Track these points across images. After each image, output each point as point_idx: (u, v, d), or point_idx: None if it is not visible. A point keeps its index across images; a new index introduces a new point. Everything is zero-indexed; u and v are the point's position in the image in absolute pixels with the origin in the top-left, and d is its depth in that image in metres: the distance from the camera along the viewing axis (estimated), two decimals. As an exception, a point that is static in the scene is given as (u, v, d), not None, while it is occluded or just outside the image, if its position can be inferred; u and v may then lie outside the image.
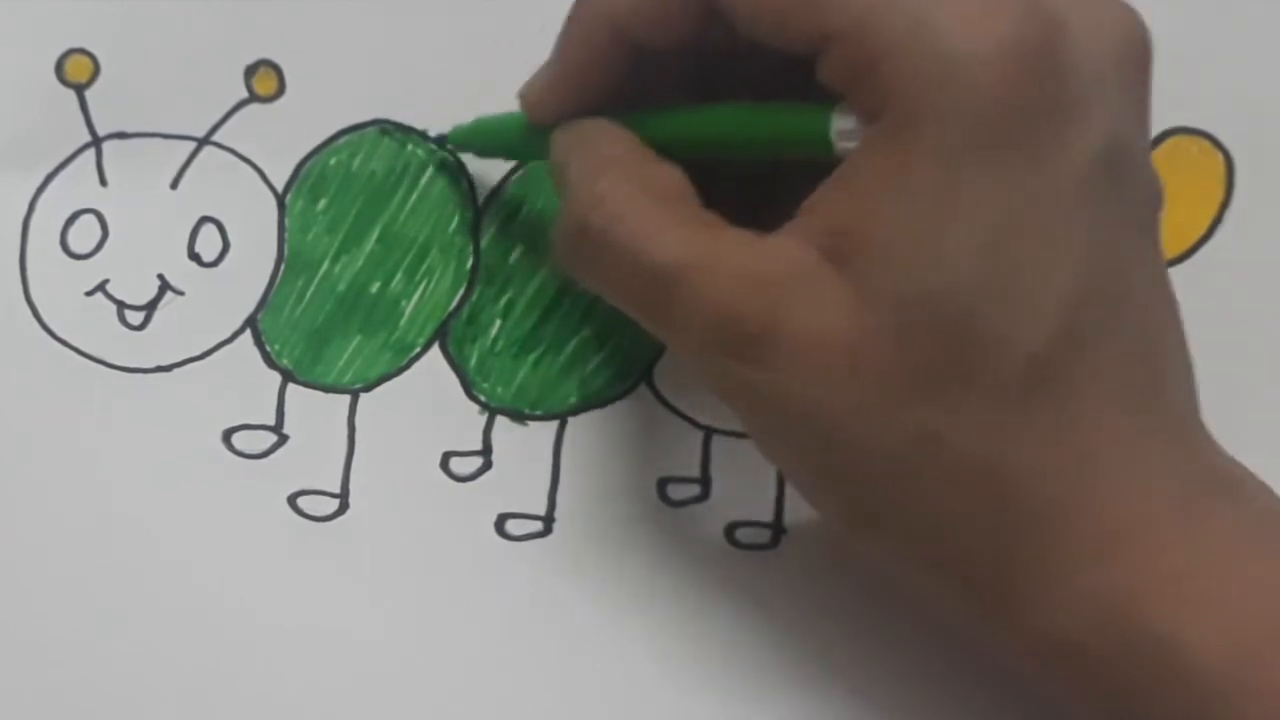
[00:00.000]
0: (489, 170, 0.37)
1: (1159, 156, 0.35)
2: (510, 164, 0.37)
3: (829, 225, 0.27)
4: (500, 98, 0.36)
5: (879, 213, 0.26)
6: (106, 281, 0.36)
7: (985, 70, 0.25)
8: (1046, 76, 0.26)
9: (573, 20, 0.31)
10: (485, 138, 0.35)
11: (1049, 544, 0.28)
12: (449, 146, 0.36)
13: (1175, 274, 0.30)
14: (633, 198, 0.29)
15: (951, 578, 0.29)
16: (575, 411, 0.36)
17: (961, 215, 0.26)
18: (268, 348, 0.36)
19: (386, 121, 0.37)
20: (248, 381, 0.36)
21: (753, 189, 0.31)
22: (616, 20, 0.30)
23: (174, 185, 0.37)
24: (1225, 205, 0.36)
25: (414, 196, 0.37)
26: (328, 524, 0.36)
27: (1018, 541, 0.28)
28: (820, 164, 0.28)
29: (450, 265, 0.37)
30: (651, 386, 0.36)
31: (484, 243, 0.37)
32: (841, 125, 0.27)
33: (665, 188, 0.29)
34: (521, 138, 0.33)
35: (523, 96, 0.33)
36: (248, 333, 0.36)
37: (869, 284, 0.26)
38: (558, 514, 0.36)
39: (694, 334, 0.28)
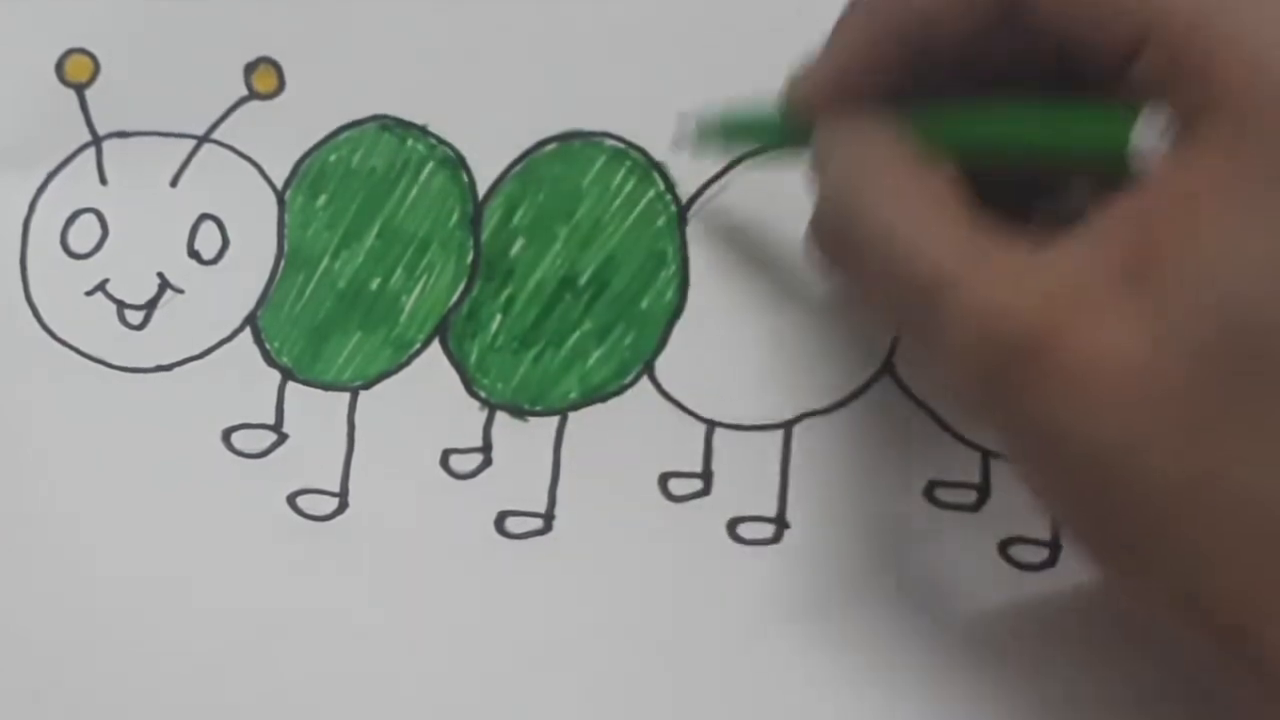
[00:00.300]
0: (489, 164, 0.36)
1: None
2: (512, 160, 0.36)
3: (1127, 236, 0.25)
4: (500, 96, 0.36)
5: (1195, 224, 0.24)
6: (106, 281, 0.36)
7: None
8: None
9: (858, 7, 0.30)
10: (738, 125, 0.34)
11: None
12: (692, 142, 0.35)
13: None
14: (905, 203, 0.27)
15: (1217, 625, 0.26)
16: (576, 407, 0.36)
17: None
18: (267, 346, 0.36)
19: (386, 117, 0.37)
20: (247, 380, 0.36)
21: (1021, 191, 0.29)
22: (911, 13, 0.29)
23: (174, 183, 0.37)
24: None
25: (414, 192, 0.36)
26: (327, 523, 0.35)
27: None
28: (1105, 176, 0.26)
29: (450, 261, 0.36)
30: (653, 380, 0.35)
31: (484, 238, 0.36)
32: (1150, 126, 0.25)
33: (938, 190, 0.28)
34: (778, 125, 0.32)
35: (790, 87, 0.31)
36: (247, 331, 0.36)
37: (1171, 306, 0.24)
38: (558, 511, 0.35)
39: (958, 347, 0.26)
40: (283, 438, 0.36)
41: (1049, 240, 0.26)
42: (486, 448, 0.36)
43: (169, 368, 0.36)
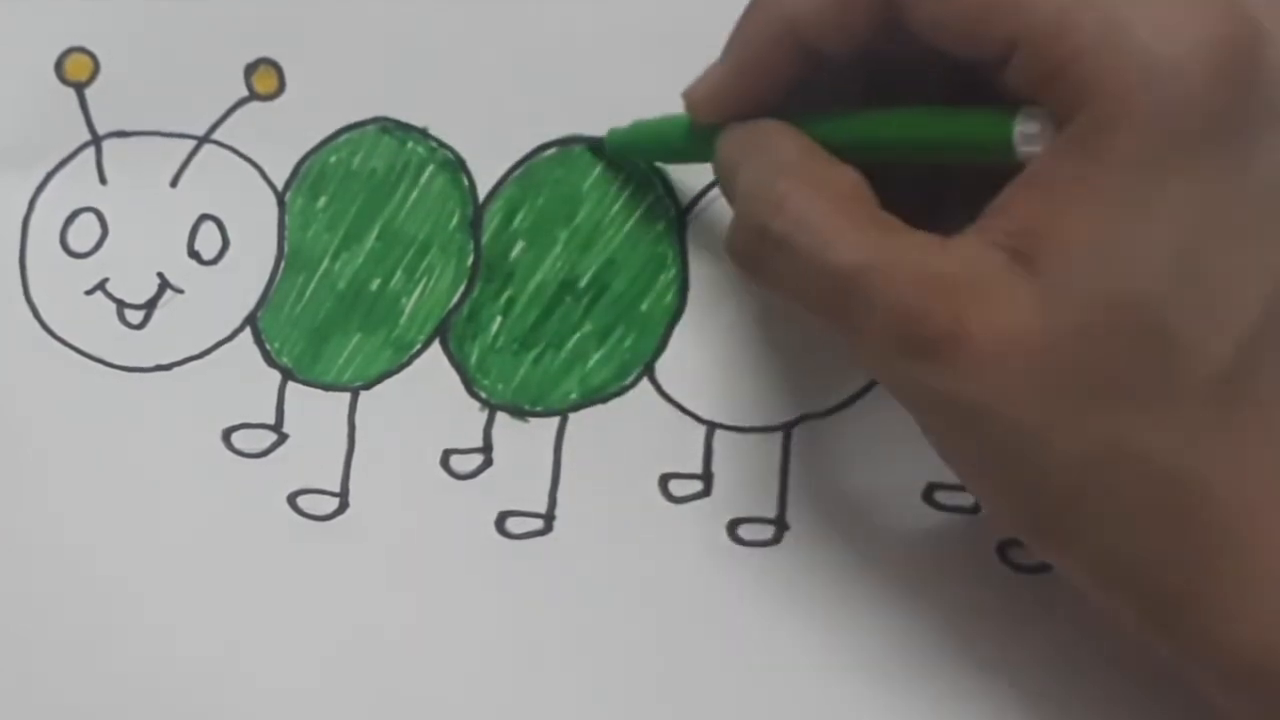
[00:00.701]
0: (489, 168, 0.36)
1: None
2: (513, 163, 0.36)
3: (1016, 227, 0.26)
4: (500, 99, 0.36)
5: (1072, 215, 0.26)
6: (106, 280, 0.36)
7: (1186, 73, 0.25)
8: (1247, 80, 0.25)
9: (748, 20, 0.31)
10: (644, 140, 0.35)
11: (1243, 559, 0.27)
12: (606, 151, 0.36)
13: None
14: (812, 200, 0.28)
15: (1135, 592, 0.28)
16: (576, 408, 0.36)
17: (1157, 219, 0.25)
18: (267, 346, 0.36)
19: (387, 119, 0.37)
20: (247, 380, 0.36)
21: (917, 191, 0.30)
22: (795, 24, 0.30)
23: (174, 183, 0.37)
24: None
25: (414, 194, 0.37)
26: (328, 523, 0.36)
27: (1208, 556, 0.27)
28: (991, 168, 0.27)
29: (450, 262, 0.36)
30: (653, 382, 0.36)
31: (484, 240, 0.36)
32: (1026, 128, 0.27)
33: (844, 190, 0.29)
34: (684, 139, 0.33)
35: (689, 95, 0.32)
36: (247, 331, 0.36)
37: (1058, 287, 0.26)
38: (558, 511, 0.35)
39: (875, 336, 0.27)
40: (283, 438, 0.36)
41: (948, 232, 0.27)
42: (487, 448, 0.36)
43: (169, 367, 0.36)
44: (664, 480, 0.35)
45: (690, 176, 0.36)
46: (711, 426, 0.35)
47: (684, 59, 0.36)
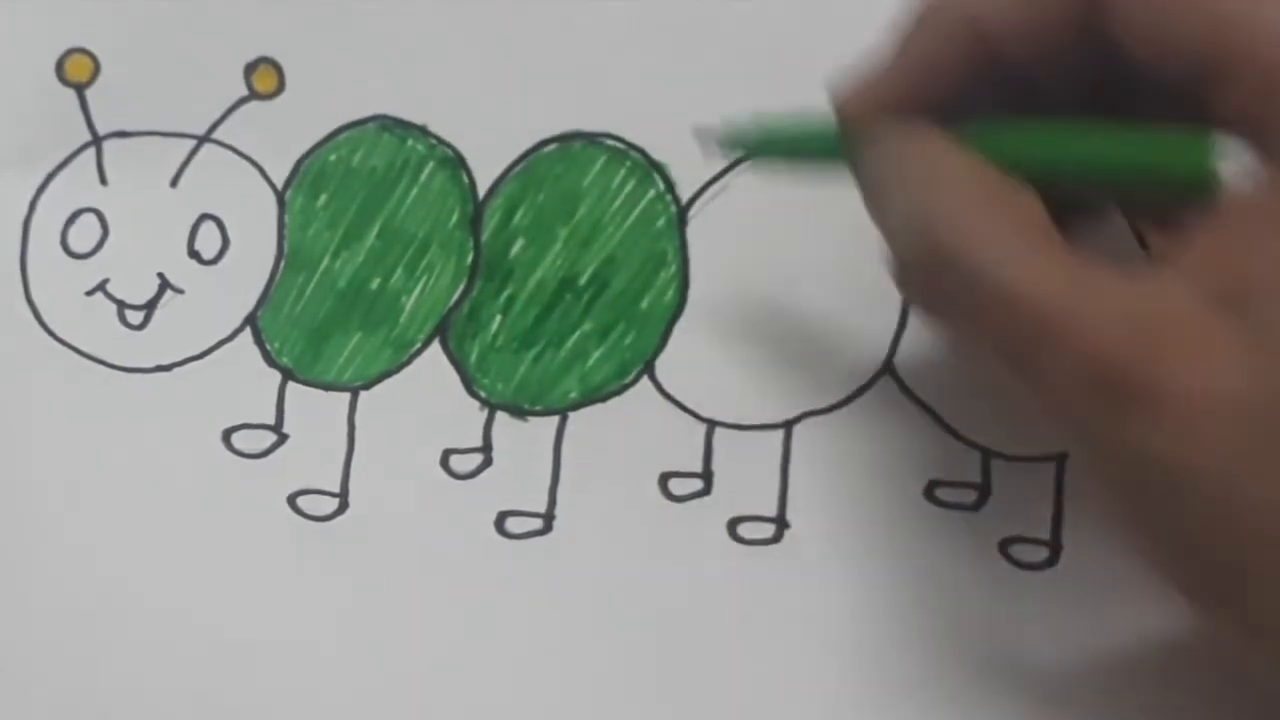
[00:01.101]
0: (489, 165, 0.36)
1: None
2: (512, 160, 0.36)
3: (1220, 264, 0.25)
4: (500, 96, 0.36)
5: None
6: (106, 281, 0.36)
7: None
8: None
9: (926, 10, 0.28)
10: (775, 138, 0.32)
11: None
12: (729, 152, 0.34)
13: None
14: (998, 227, 0.26)
15: None
16: (576, 407, 0.36)
17: None
18: (267, 346, 0.36)
19: (386, 117, 0.37)
20: (247, 380, 0.36)
21: (1076, 212, 0.28)
22: (983, 18, 0.27)
23: (174, 183, 0.37)
24: None
25: (414, 192, 0.36)
26: (328, 523, 0.35)
27: None
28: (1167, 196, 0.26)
29: (450, 261, 0.36)
30: (653, 381, 0.35)
31: (484, 238, 0.36)
32: (1235, 160, 0.25)
33: (1026, 214, 0.26)
34: (821, 140, 0.30)
35: (843, 93, 0.30)
36: (247, 331, 0.36)
37: (1272, 335, 0.24)
38: (558, 511, 0.35)
39: (1064, 381, 0.25)
40: (283, 438, 0.36)
41: (1139, 269, 0.25)
42: (487, 448, 0.36)
43: (169, 368, 0.36)
44: (664, 479, 0.35)
45: (690, 173, 0.36)
46: (712, 425, 0.35)
47: (684, 56, 0.36)
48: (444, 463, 0.35)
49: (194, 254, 0.37)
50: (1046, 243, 0.26)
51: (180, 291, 0.36)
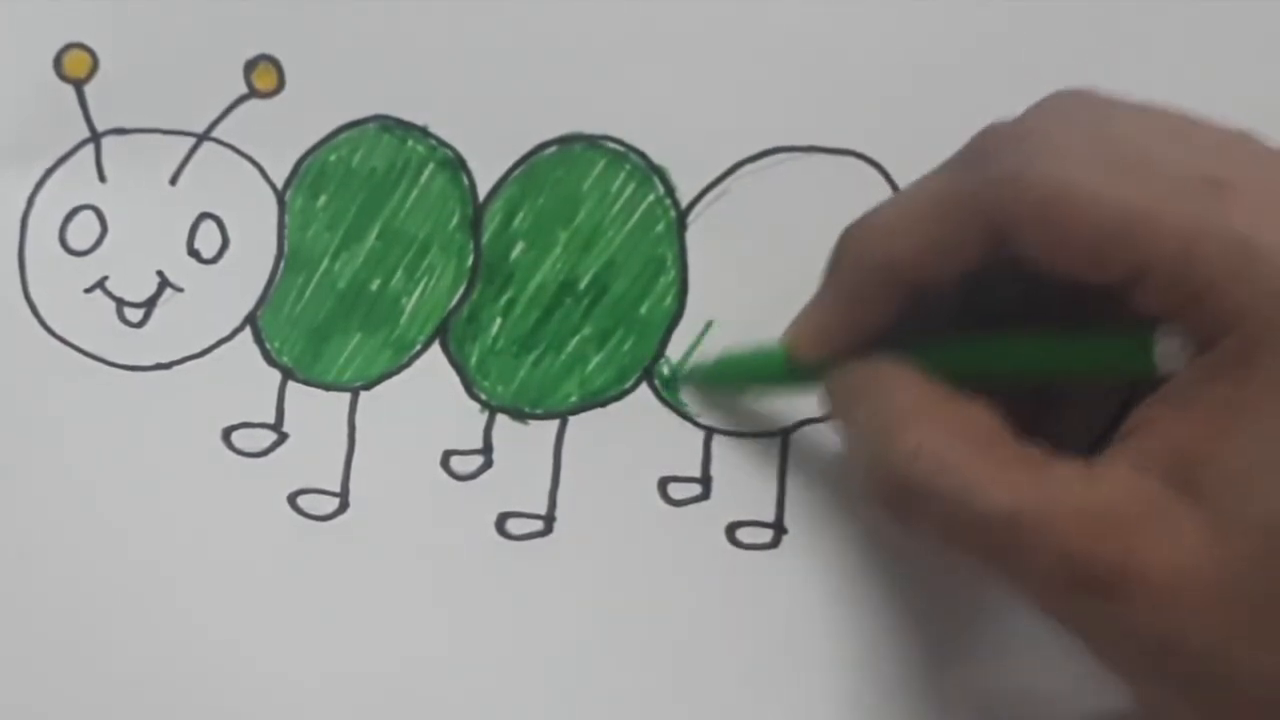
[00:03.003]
0: (489, 167, 0.36)
1: None
2: (513, 163, 0.36)
3: (1168, 451, 0.26)
4: (501, 98, 0.36)
5: (1232, 440, 0.25)
6: (105, 278, 0.36)
7: None
8: None
9: (843, 257, 0.31)
10: (731, 373, 0.35)
11: None
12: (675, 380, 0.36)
13: None
14: (952, 447, 0.28)
15: None
16: (576, 410, 0.36)
17: None
18: (267, 345, 0.36)
19: (386, 117, 0.37)
20: (247, 379, 0.36)
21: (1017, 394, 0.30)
22: (896, 263, 0.29)
23: (173, 181, 0.37)
24: None
25: (414, 193, 0.37)
26: (328, 523, 0.36)
27: None
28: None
29: (451, 263, 0.36)
30: (652, 385, 0.36)
31: (484, 240, 0.36)
32: (1168, 347, 0.27)
33: (978, 429, 0.28)
34: (778, 374, 0.33)
35: (790, 335, 0.33)
36: (247, 330, 0.36)
37: (1226, 514, 0.25)
38: (558, 513, 0.35)
39: (1040, 579, 0.27)
40: (283, 437, 0.36)
41: (1090, 453, 0.27)
42: (487, 449, 0.36)
43: (169, 366, 0.36)
44: (663, 483, 0.35)
45: (690, 178, 0.36)
46: (710, 430, 0.36)
47: (684, 58, 0.36)
48: (445, 464, 0.36)
49: (194, 253, 0.36)
50: (1001, 453, 0.28)
51: (180, 290, 0.36)
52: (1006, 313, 0.30)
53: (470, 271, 0.36)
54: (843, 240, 0.31)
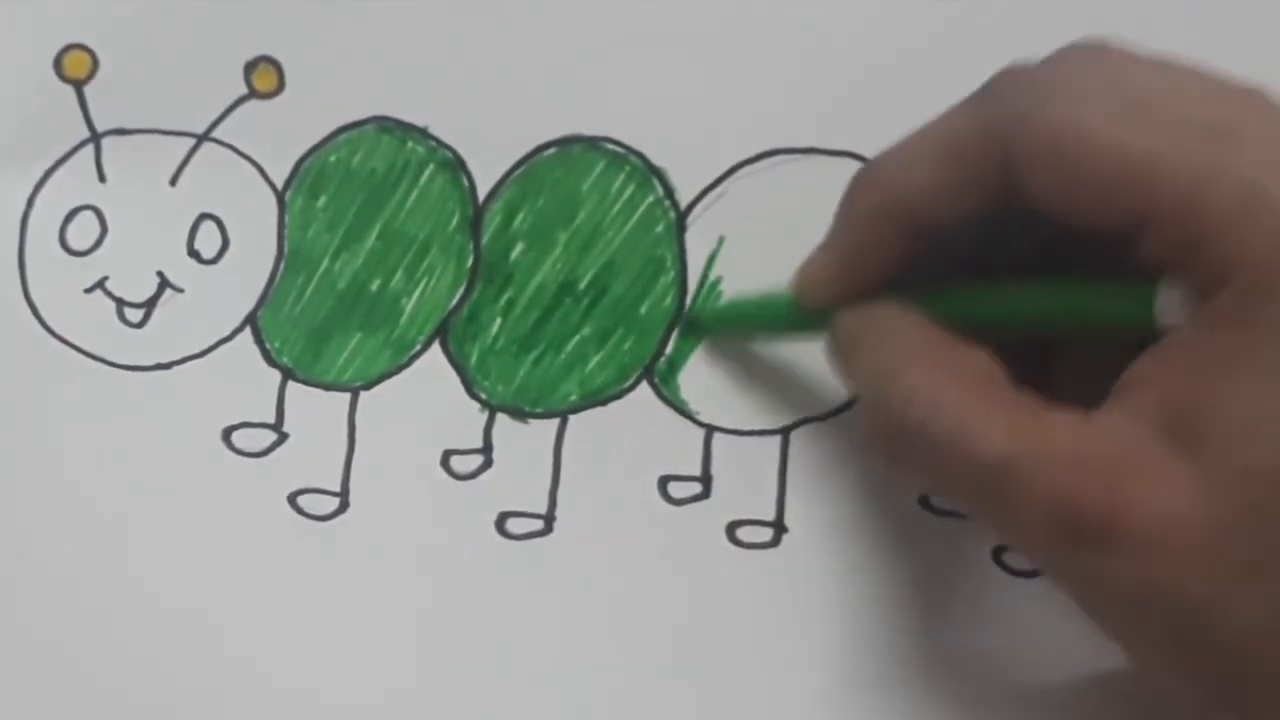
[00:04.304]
0: (489, 168, 0.37)
1: None
2: (513, 164, 0.36)
3: (1165, 401, 0.26)
4: (500, 99, 0.36)
5: (1229, 389, 0.25)
6: (105, 279, 0.36)
7: None
8: None
9: (854, 198, 0.31)
10: (742, 317, 0.35)
11: None
12: (695, 323, 0.36)
13: None
14: (947, 390, 0.28)
15: None
16: (576, 409, 0.36)
17: None
18: (267, 345, 0.36)
19: (386, 119, 0.37)
20: (247, 379, 0.36)
21: (1027, 349, 0.30)
22: (907, 203, 0.29)
23: (173, 182, 0.37)
24: None
25: (414, 194, 0.37)
26: (328, 523, 0.36)
27: None
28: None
29: (450, 263, 0.36)
30: (653, 384, 0.36)
31: (484, 241, 0.36)
32: (1169, 300, 0.26)
33: (977, 374, 0.28)
34: (788, 318, 0.33)
35: (798, 278, 0.32)
36: (247, 330, 0.36)
37: (1220, 464, 0.25)
38: (558, 512, 0.36)
39: (1030, 526, 0.27)
40: (283, 437, 0.36)
41: (1089, 408, 0.27)
42: (487, 449, 0.36)
43: (169, 366, 0.36)
44: (663, 482, 0.35)
45: (690, 179, 0.36)
46: (710, 429, 0.36)
47: (684, 61, 0.36)
48: (445, 463, 0.36)
49: (194, 253, 0.37)
50: (997, 398, 0.28)
51: (180, 290, 0.36)
52: (1015, 269, 0.30)
53: (470, 272, 0.36)
54: (853, 182, 0.31)
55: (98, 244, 0.37)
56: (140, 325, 0.36)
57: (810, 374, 0.35)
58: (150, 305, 0.36)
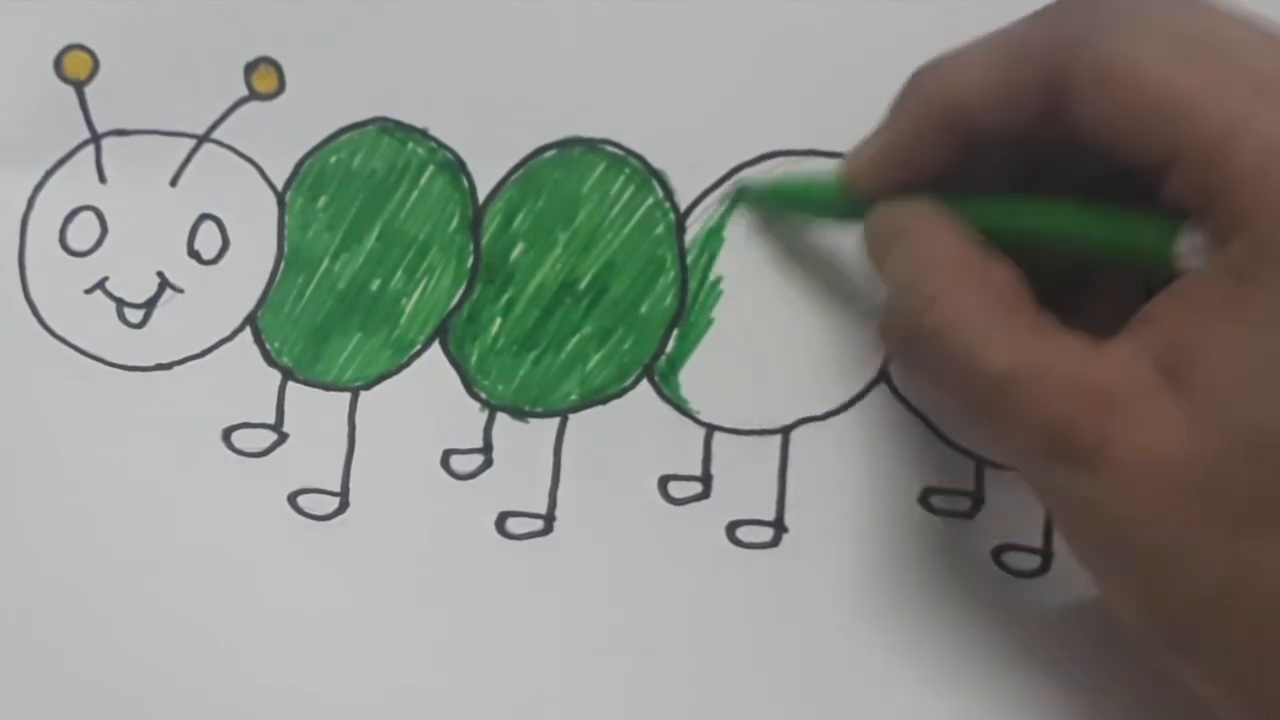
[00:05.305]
0: (489, 169, 0.37)
1: None
2: (513, 165, 0.37)
3: (1167, 340, 0.26)
4: (501, 101, 0.36)
5: (1224, 337, 0.26)
6: (106, 279, 0.36)
7: None
8: None
9: (910, 95, 0.31)
10: (788, 195, 0.35)
11: None
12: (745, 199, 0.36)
13: None
14: (966, 300, 0.28)
15: (1267, 708, 0.27)
16: (576, 409, 0.36)
17: None
18: (267, 346, 0.36)
19: (387, 120, 0.37)
20: (247, 379, 0.36)
21: (1052, 273, 0.30)
22: (959, 102, 0.30)
23: (173, 183, 0.37)
24: None
25: (414, 194, 0.37)
26: (328, 523, 0.36)
27: None
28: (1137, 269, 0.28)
29: (450, 263, 0.37)
30: (653, 383, 0.36)
31: (484, 241, 0.37)
32: (1190, 242, 0.27)
33: (999, 289, 0.29)
34: (832, 200, 0.33)
35: (848, 162, 0.33)
36: (247, 330, 0.36)
37: (1206, 407, 0.26)
38: (558, 512, 0.36)
39: (1022, 441, 0.27)
40: (283, 437, 0.36)
41: (1098, 337, 0.27)
42: (487, 448, 0.36)
43: (169, 367, 0.36)
44: (663, 482, 0.36)
45: (689, 181, 0.36)
46: (710, 428, 0.36)
47: (683, 63, 0.36)
48: (445, 463, 0.36)
49: (194, 253, 0.37)
50: (1012, 313, 0.28)
51: (180, 291, 0.36)
52: (1055, 185, 0.30)
53: (470, 272, 0.36)
54: (911, 78, 0.31)
55: (98, 244, 0.37)
56: (140, 325, 0.36)
57: (810, 374, 0.35)
58: (150, 305, 0.36)
